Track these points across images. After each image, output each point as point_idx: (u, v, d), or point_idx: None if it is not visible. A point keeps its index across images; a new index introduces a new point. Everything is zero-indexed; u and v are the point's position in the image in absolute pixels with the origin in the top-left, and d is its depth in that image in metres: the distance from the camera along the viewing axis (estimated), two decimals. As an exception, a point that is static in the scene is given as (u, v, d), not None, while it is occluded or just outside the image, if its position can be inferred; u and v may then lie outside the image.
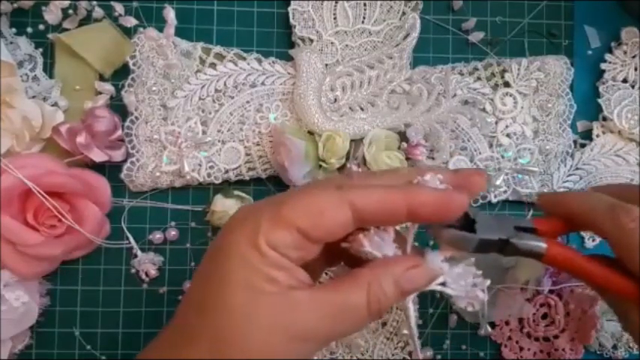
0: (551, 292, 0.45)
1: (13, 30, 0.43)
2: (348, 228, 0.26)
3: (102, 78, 0.44)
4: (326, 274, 0.42)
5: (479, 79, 0.45)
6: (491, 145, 0.45)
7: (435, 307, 0.45)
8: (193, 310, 0.26)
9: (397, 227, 0.28)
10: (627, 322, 0.30)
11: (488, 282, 0.27)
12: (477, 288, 0.27)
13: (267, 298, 0.25)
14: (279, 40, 0.45)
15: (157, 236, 0.43)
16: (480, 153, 0.44)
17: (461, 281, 0.27)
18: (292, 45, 0.45)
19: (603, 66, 0.47)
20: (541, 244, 0.28)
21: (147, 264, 0.43)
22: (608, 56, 0.47)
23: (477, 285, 0.27)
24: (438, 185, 0.27)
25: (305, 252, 0.26)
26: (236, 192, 0.43)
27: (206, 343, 0.25)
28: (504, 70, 0.45)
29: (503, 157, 0.45)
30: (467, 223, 0.28)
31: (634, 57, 0.47)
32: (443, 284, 0.27)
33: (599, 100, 0.47)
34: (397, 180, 0.28)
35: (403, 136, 0.43)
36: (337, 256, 0.30)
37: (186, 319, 0.27)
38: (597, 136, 0.47)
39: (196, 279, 0.28)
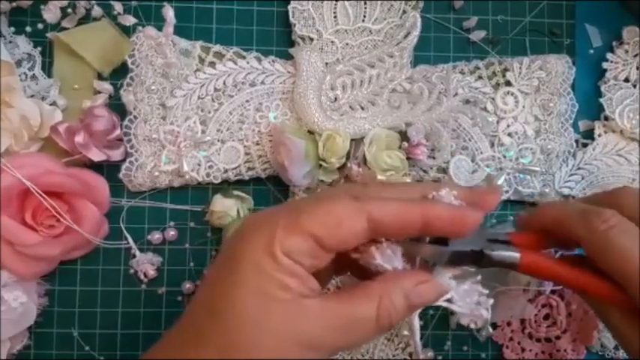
0: (553, 292, 0.45)
1: (12, 29, 0.43)
2: (362, 238, 0.26)
3: (100, 77, 0.44)
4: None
5: (480, 78, 0.45)
6: (492, 145, 0.44)
7: (435, 308, 0.45)
8: (203, 312, 0.26)
9: None
10: (608, 324, 0.31)
11: (491, 301, 0.28)
12: (481, 306, 0.27)
13: (279, 305, 0.25)
14: (278, 39, 0.45)
15: (156, 236, 0.43)
16: (481, 152, 0.44)
17: (467, 299, 0.27)
18: (292, 44, 0.45)
19: (605, 65, 0.47)
20: (514, 254, 0.29)
21: (145, 264, 0.43)
22: (609, 55, 0.47)
23: (481, 303, 0.27)
24: (452, 201, 0.28)
25: (318, 260, 0.26)
26: (235, 192, 0.43)
27: (215, 346, 0.25)
28: (506, 69, 0.45)
29: (504, 156, 0.44)
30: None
31: (635, 56, 0.46)
32: (449, 300, 0.27)
33: (601, 100, 0.46)
34: (412, 193, 0.29)
35: (404, 136, 0.42)
36: (345, 266, 0.30)
37: (195, 321, 0.27)
38: (599, 135, 0.47)
39: (207, 282, 0.28)
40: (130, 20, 0.43)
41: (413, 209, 0.26)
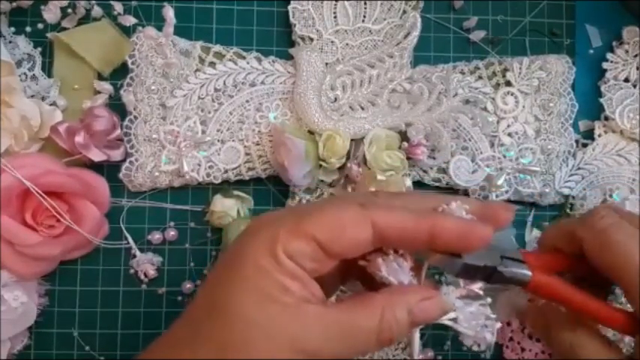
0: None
1: (12, 29, 0.43)
2: (367, 246, 0.26)
3: (101, 77, 0.44)
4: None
5: (480, 78, 0.45)
6: (492, 145, 0.44)
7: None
8: (203, 311, 0.26)
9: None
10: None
11: (499, 325, 0.27)
12: (486, 329, 0.27)
13: (279, 308, 0.25)
14: (279, 39, 0.45)
15: (156, 236, 0.43)
16: (481, 152, 0.44)
17: (472, 321, 0.27)
18: (292, 44, 0.45)
19: (605, 65, 0.47)
20: (526, 272, 0.28)
21: (146, 264, 0.43)
22: (609, 55, 0.47)
23: (488, 327, 0.27)
24: (463, 215, 0.27)
25: (320, 265, 0.26)
26: (235, 192, 0.43)
27: (213, 346, 0.25)
28: (506, 69, 0.45)
29: (504, 156, 0.44)
30: None
31: (635, 56, 0.47)
32: (454, 320, 0.27)
33: (601, 100, 0.46)
34: (423, 205, 0.28)
35: (404, 136, 0.42)
36: (352, 274, 0.30)
37: (194, 320, 0.26)
38: (599, 135, 0.47)
39: (209, 283, 0.27)
40: (130, 20, 0.43)
41: (419, 220, 0.26)
